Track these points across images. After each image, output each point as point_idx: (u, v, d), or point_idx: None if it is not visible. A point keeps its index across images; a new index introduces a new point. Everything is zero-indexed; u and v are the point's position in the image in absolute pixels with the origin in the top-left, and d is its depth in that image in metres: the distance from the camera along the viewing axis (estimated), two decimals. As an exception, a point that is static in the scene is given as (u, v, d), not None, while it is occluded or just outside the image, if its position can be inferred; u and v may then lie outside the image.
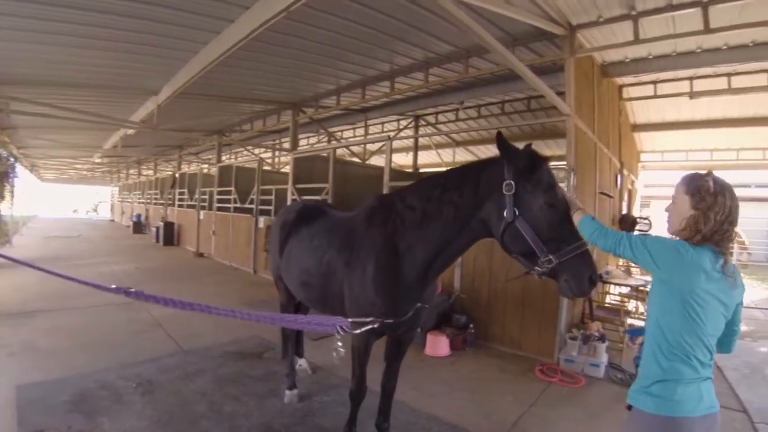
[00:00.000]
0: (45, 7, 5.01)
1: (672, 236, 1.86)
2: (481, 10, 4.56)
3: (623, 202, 9.69)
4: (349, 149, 13.54)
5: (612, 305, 6.70)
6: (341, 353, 2.20)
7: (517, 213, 2.17)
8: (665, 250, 1.73)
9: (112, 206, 36.29)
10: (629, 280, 6.27)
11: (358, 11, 5.33)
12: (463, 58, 6.84)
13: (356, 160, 12.95)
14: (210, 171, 15.12)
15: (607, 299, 7.10)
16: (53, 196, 42.80)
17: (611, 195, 7.98)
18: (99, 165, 24.83)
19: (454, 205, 2.42)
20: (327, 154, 9.69)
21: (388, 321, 2.50)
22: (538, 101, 9.31)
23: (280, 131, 13.20)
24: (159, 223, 16.73)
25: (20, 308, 6.30)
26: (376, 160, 13.14)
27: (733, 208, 1.72)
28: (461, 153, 14.76)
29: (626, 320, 5.99)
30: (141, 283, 8.58)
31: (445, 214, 2.44)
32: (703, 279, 1.66)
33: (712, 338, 1.73)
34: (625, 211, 9.54)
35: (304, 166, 9.91)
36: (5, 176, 13.15)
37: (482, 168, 2.42)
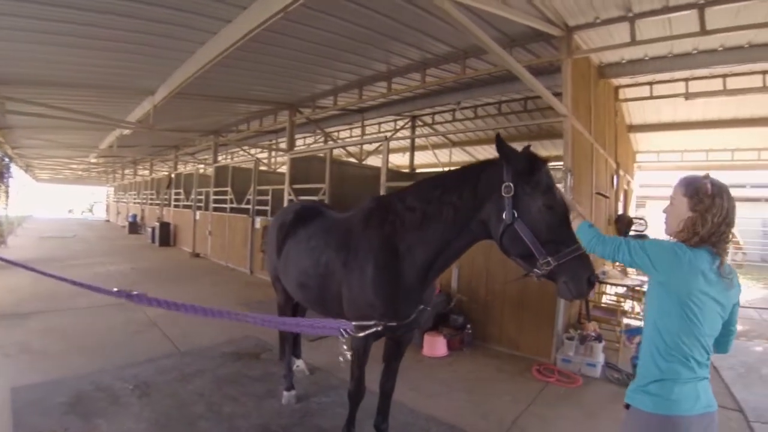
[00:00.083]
0: (41, 7, 4.98)
1: (670, 237, 1.87)
2: (478, 11, 4.57)
3: (619, 202, 9.72)
4: (346, 149, 13.54)
5: (608, 305, 6.71)
6: (348, 358, 2.18)
7: (516, 215, 2.18)
8: (663, 253, 1.74)
9: (107, 206, 36.15)
10: (625, 281, 6.29)
11: (355, 11, 5.32)
12: (460, 58, 6.85)
13: (353, 160, 12.94)
14: (206, 171, 15.08)
15: (604, 299, 7.12)
16: (48, 197, 42.64)
17: (607, 195, 8.01)
18: (94, 165, 24.69)
19: (453, 206, 2.42)
20: (324, 154, 9.67)
21: (391, 324, 2.49)
22: (535, 102, 9.33)
23: (276, 131, 13.18)
24: (155, 224, 16.65)
25: (15, 309, 6.26)
26: (373, 161, 13.14)
27: (730, 210, 1.74)
28: (458, 153, 14.79)
29: (623, 320, 6.01)
30: (137, 283, 8.56)
31: (445, 215, 2.44)
32: (701, 280, 1.68)
33: (710, 338, 1.75)
34: (621, 212, 9.57)
35: (300, 166, 9.90)
36: (0, 176, 13.07)
37: (481, 170, 2.43)
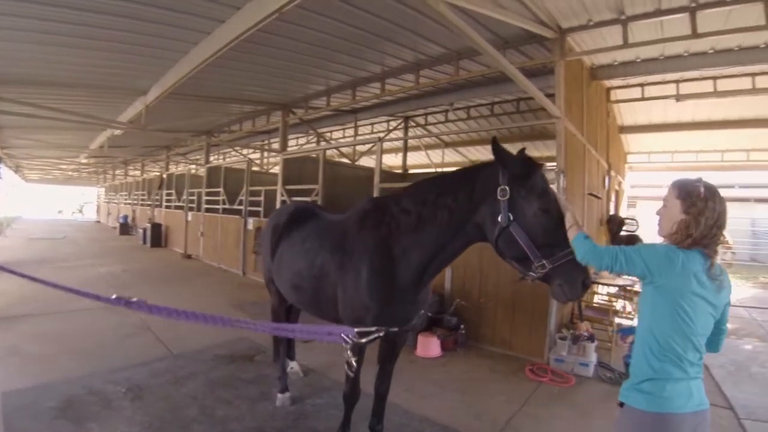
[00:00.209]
0: (31, 6, 4.94)
1: (663, 239, 1.90)
2: (472, 13, 4.59)
3: (611, 203, 9.80)
4: (339, 150, 13.51)
5: (600, 305, 6.76)
6: (354, 367, 2.15)
7: (512, 218, 2.18)
8: (658, 258, 1.76)
9: (98, 207, 35.82)
10: (617, 280, 6.33)
11: (349, 12, 5.33)
12: (453, 60, 6.87)
13: (345, 161, 12.93)
14: (198, 172, 14.99)
15: (596, 299, 7.17)
16: (38, 197, 42.20)
17: (599, 196, 8.07)
18: (85, 165, 24.49)
19: (448, 209, 2.43)
20: (316, 155, 9.66)
21: (393, 330, 2.49)
22: (527, 103, 9.39)
23: (269, 132, 13.13)
24: (146, 225, 16.52)
25: (4, 312, 6.17)
26: (366, 161, 13.15)
27: (721, 214, 1.78)
28: (450, 154, 14.83)
29: (615, 320, 6.05)
30: (129, 285, 8.51)
31: (440, 218, 2.45)
32: (694, 282, 1.72)
33: (702, 338, 1.78)
34: (612, 212, 9.65)
35: (293, 167, 9.87)
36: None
37: (477, 173, 2.43)
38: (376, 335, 2.10)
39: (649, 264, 1.77)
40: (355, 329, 1.90)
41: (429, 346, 5.35)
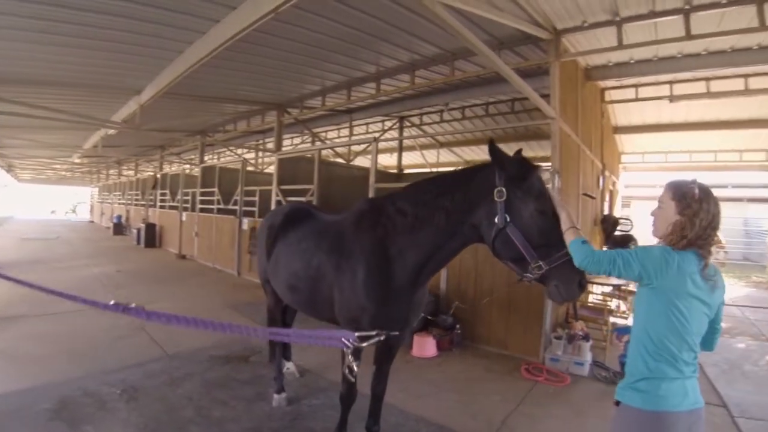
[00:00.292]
0: (23, 4, 4.90)
1: (658, 240, 1.93)
2: (468, 13, 4.59)
3: (605, 202, 9.84)
4: (334, 150, 13.50)
5: (595, 304, 6.80)
6: (355, 371, 2.13)
7: (508, 219, 2.19)
8: (654, 261, 1.78)
9: (91, 207, 35.58)
10: (611, 280, 6.36)
11: (345, 13, 5.32)
12: (449, 60, 6.89)
13: (340, 160, 12.92)
14: (192, 171, 14.93)
15: (591, 298, 7.21)
16: (30, 197, 41.87)
17: (594, 196, 8.11)
18: (78, 165, 24.32)
19: (445, 210, 2.43)
20: (312, 155, 9.64)
21: (394, 333, 2.48)
22: (522, 103, 9.42)
23: (264, 132, 13.11)
24: (140, 225, 16.44)
25: (-3, 313, 6.13)
26: (361, 161, 13.13)
27: (716, 215, 1.80)
28: (445, 154, 14.83)
29: (609, 319, 6.09)
30: (123, 286, 8.47)
31: (437, 219, 2.45)
32: (689, 283, 1.74)
33: (697, 338, 1.80)
34: (606, 212, 9.69)
35: (288, 167, 9.85)
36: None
37: (474, 174, 2.44)
38: (377, 339, 2.09)
39: (646, 267, 1.78)
40: (356, 333, 1.88)
41: (425, 346, 5.36)
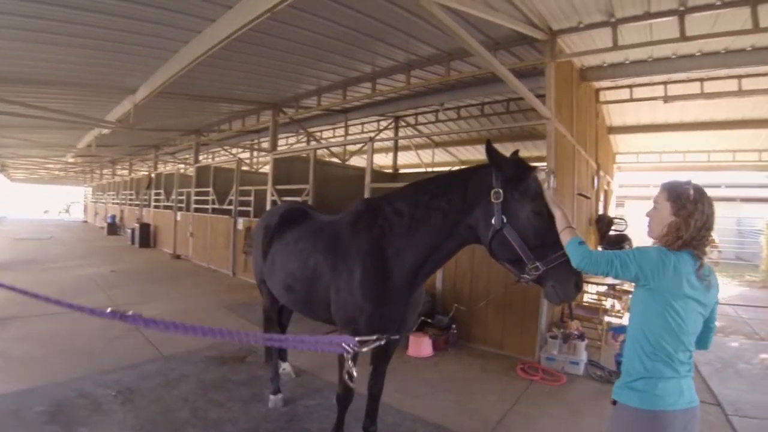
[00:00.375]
0: (19, 3, 4.86)
1: (653, 241, 1.94)
2: (464, 14, 4.59)
3: (600, 202, 9.89)
4: (329, 149, 13.47)
5: (590, 304, 6.82)
6: (355, 377, 2.11)
7: (505, 221, 2.20)
8: (651, 262, 1.79)
9: (85, 207, 35.36)
10: (606, 280, 6.39)
11: (342, 12, 5.31)
12: (444, 60, 6.88)
13: (336, 160, 12.90)
14: (187, 171, 14.86)
15: (585, 298, 7.23)
16: (23, 197, 41.56)
17: (588, 196, 8.14)
18: (72, 165, 24.12)
19: (442, 211, 2.43)
20: (307, 154, 9.63)
21: (395, 337, 2.47)
22: (517, 103, 9.43)
23: (259, 131, 13.06)
24: (134, 225, 16.36)
25: (-9, 315, 6.07)
26: (356, 161, 13.12)
27: (710, 216, 1.82)
28: (440, 154, 14.82)
29: (604, 318, 6.11)
30: (118, 286, 8.42)
31: (434, 220, 2.45)
32: (685, 284, 1.76)
33: (692, 337, 1.82)
34: (601, 212, 9.74)
35: (283, 166, 9.83)
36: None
37: (471, 175, 2.44)
38: (377, 343, 2.08)
39: (643, 268, 1.79)
40: (357, 338, 1.87)
41: (421, 346, 5.36)
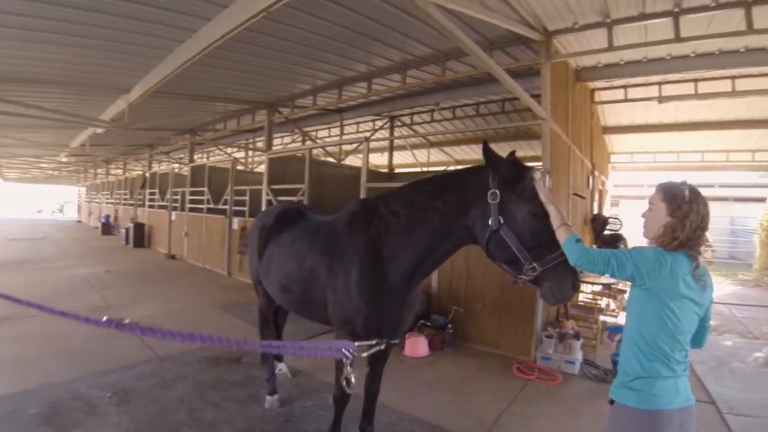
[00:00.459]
0: (13, 1, 4.81)
1: (649, 241, 1.96)
2: (460, 14, 4.59)
3: (594, 202, 9.93)
4: (324, 149, 13.45)
5: (585, 303, 6.86)
6: (353, 384, 2.09)
7: (502, 221, 2.20)
8: (647, 262, 1.81)
9: (78, 207, 35.14)
10: (601, 279, 6.43)
11: (338, 12, 5.29)
12: (440, 60, 6.89)
13: (331, 160, 12.88)
14: (182, 171, 14.79)
15: (581, 297, 7.27)
16: (16, 196, 41.25)
17: (584, 196, 8.17)
18: (66, 164, 23.95)
19: (438, 211, 2.43)
20: (302, 154, 9.60)
21: (394, 342, 2.46)
22: (512, 103, 9.45)
23: (254, 131, 13.03)
24: (129, 225, 16.29)
25: (-16, 315, 6.02)
26: (351, 161, 13.09)
27: (705, 216, 1.84)
28: (436, 153, 14.83)
29: (599, 317, 6.14)
30: (112, 286, 8.38)
31: (430, 220, 2.45)
32: (681, 284, 1.77)
33: (688, 336, 1.84)
34: (596, 212, 9.77)
35: (278, 166, 9.81)
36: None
37: (468, 176, 2.44)
38: (377, 348, 2.07)
39: (639, 268, 1.81)
40: (356, 343, 1.85)
41: (417, 345, 5.37)
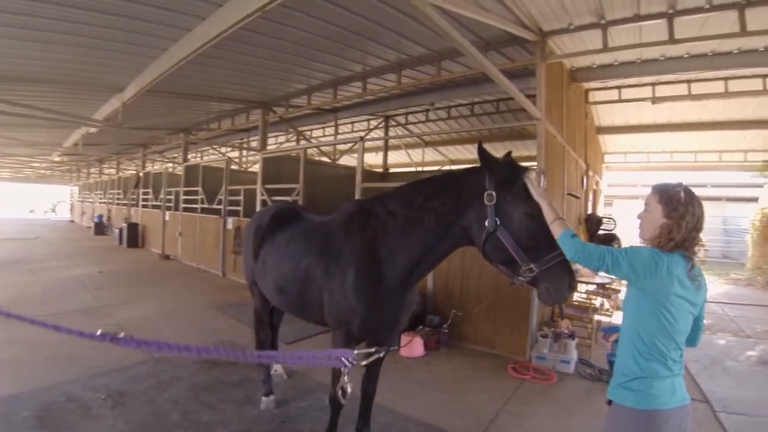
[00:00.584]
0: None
1: (644, 242, 1.97)
2: (455, 14, 4.59)
3: (589, 202, 9.98)
4: (319, 149, 13.41)
5: (580, 303, 6.88)
6: (348, 394, 2.07)
7: (499, 223, 2.20)
8: (644, 262, 1.81)
9: (71, 206, 34.87)
10: (596, 279, 6.46)
11: (333, 12, 5.28)
12: (435, 60, 6.89)
13: (325, 159, 12.85)
14: (176, 170, 14.71)
15: (575, 297, 7.29)
16: (8, 196, 40.85)
17: (578, 196, 8.21)
18: (58, 164, 23.78)
19: (435, 212, 2.43)
20: (297, 153, 9.57)
21: (393, 348, 2.46)
22: (507, 104, 9.47)
23: (248, 130, 12.97)
24: (122, 225, 16.17)
25: (-25, 317, 5.96)
26: (346, 160, 13.08)
27: (700, 218, 1.85)
28: (431, 153, 14.83)
29: (594, 317, 6.17)
30: (105, 287, 8.32)
31: (427, 221, 2.45)
32: (677, 285, 1.78)
33: (683, 336, 1.85)
34: (590, 211, 9.83)
35: (273, 166, 9.77)
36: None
37: (464, 177, 2.45)
38: (376, 356, 2.06)
39: (635, 267, 1.81)
40: (355, 351, 1.84)
41: (412, 345, 5.36)
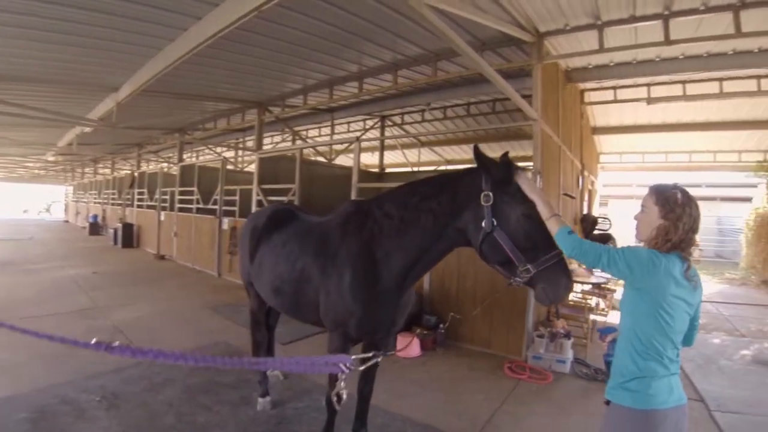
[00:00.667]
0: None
1: (641, 243, 1.97)
2: (452, 15, 4.58)
3: (584, 202, 10.01)
4: (315, 149, 13.39)
5: (576, 302, 6.90)
6: (344, 400, 2.04)
7: (495, 224, 2.20)
8: (641, 262, 1.81)
9: (66, 206, 34.68)
10: (591, 278, 6.48)
11: (329, 11, 5.27)
12: (431, 60, 6.89)
13: (321, 159, 12.83)
14: (171, 170, 14.64)
15: (571, 297, 7.30)
16: (1, 196, 40.57)
17: (574, 196, 8.24)
18: (53, 163, 23.63)
19: (432, 213, 2.43)
20: (293, 153, 9.54)
21: (391, 352, 2.45)
22: (503, 104, 9.49)
23: (244, 130, 12.94)
24: (117, 225, 16.10)
25: (-32, 318, 5.91)
26: (342, 160, 13.06)
27: (696, 218, 1.86)
28: (426, 153, 14.83)
29: (589, 317, 6.19)
30: (100, 288, 8.27)
31: (423, 222, 2.45)
32: (673, 285, 1.79)
33: (679, 335, 1.86)
34: (586, 211, 9.86)
35: (269, 166, 9.73)
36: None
37: (460, 178, 2.44)
38: (374, 360, 2.06)
39: (632, 267, 1.82)
40: (353, 356, 1.83)
41: (409, 346, 5.36)
